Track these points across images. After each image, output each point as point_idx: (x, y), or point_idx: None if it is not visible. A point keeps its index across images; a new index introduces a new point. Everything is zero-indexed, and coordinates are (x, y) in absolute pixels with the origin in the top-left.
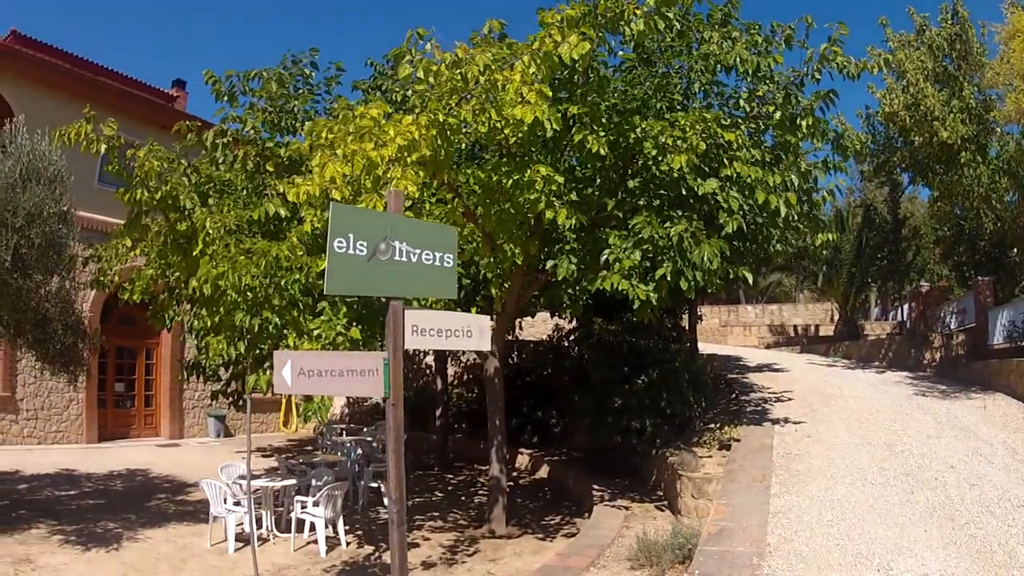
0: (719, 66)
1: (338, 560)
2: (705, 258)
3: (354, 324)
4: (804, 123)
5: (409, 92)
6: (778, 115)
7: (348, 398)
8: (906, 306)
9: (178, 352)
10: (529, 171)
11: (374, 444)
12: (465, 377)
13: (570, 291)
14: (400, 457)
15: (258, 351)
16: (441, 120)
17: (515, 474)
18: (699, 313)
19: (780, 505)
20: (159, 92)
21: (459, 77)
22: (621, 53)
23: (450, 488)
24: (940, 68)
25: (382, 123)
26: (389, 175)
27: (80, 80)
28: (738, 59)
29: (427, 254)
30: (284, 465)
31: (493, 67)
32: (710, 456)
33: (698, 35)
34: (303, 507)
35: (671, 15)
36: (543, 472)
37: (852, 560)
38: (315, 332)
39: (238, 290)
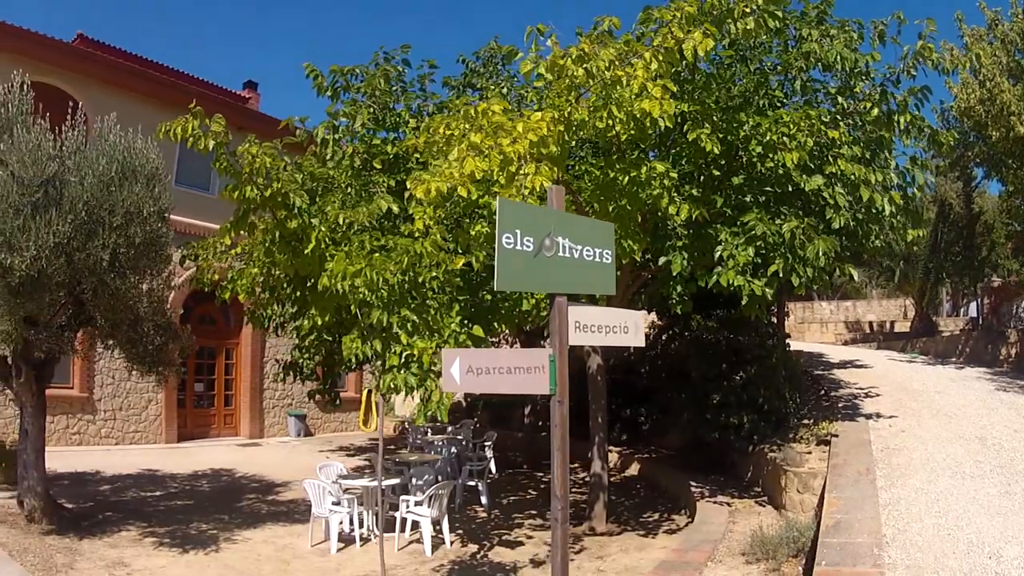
0: (819, 64)
1: (444, 559)
2: (820, 253)
3: (467, 322)
4: (902, 119)
5: (506, 89)
6: (875, 112)
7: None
8: (977, 302)
9: (259, 352)
10: (645, 167)
11: (464, 442)
12: None
13: (679, 287)
14: (566, 455)
15: (394, 350)
16: (567, 116)
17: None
18: (786, 309)
19: (888, 498)
20: (231, 93)
21: (583, 73)
22: (719, 50)
23: (542, 486)
24: (1013, 63)
25: (505, 120)
26: (523, 171)
27: (151, 80)
28: (839, 56)
29: (587, 250)
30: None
31: (617, 63)
32: (810, 452)
33: (794, 32)
34: (408, 506)
35: (780, 14)
36: (633, 470)
37: (965, 549)
38: (447, 330)
39: (374, 287)
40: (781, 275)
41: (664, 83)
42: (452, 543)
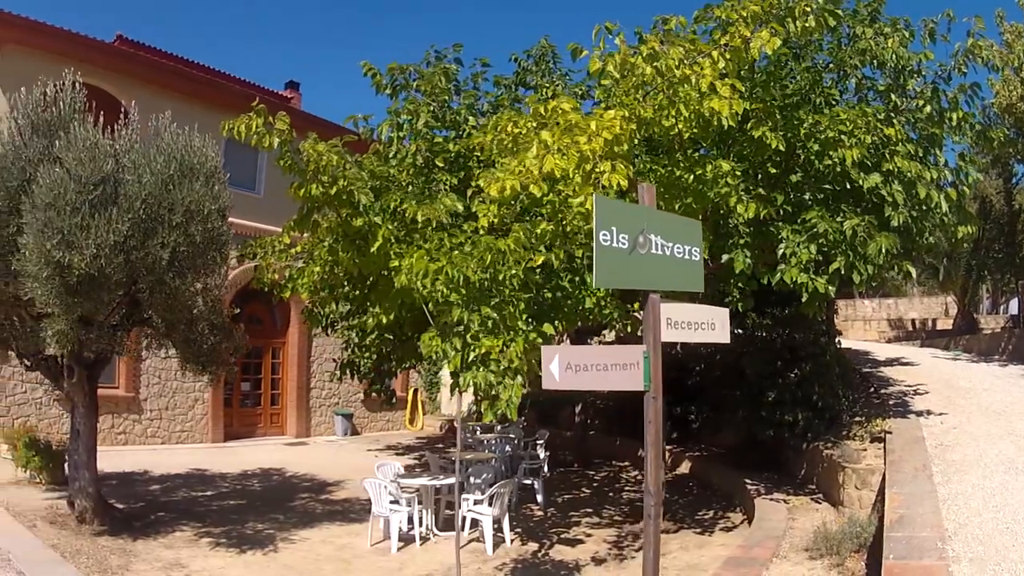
0: (874, 61)
1: (506, 558)
2: (883, 250)
3: (532, 321)
4: (954, 116)
5: (560, 87)
6: (927, 109)
7: (476, 395)
8: (1018, 299)
9: (305, 351)
10: (710, 166)
11: (516, 441)
12: None
13: (739, 285)
14: (659, 451)
15: (473, 348)
16: (639, 115)
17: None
18: (835, 307)
19: (946, 493)
20: (273, 93)
21: (652, 71)
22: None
23: (595, 484)
24: None
25: (580, 118)
26: (598, 169)
27: (194, 80)
28: (894, 54)
29: (678, 247)
30: (436, 463)
31: (685, 61)
32: (865, 449)
33: (848, 30)
34: (470, 505)
35: (839, 12)
36: (684, 468)
37: None
38: (522, 329)
39: (455, 285)
40: (843, 272)
41: (732, 82)
42: (512, 541)
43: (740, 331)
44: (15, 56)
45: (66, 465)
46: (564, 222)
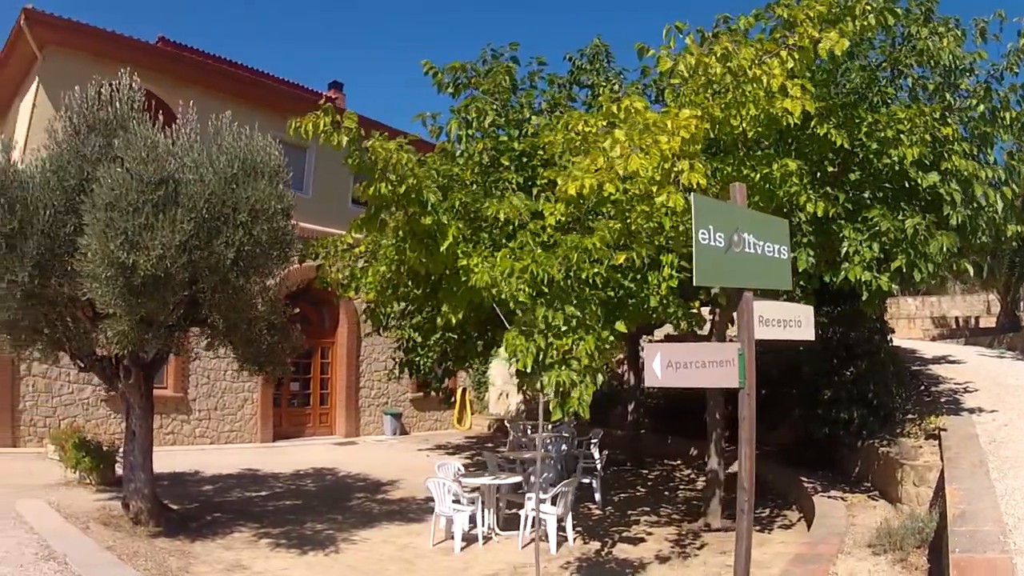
0: (931, 61)
1: (570, 557)
2: (944, 248)
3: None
4: (1007, 115)
5: (617, 86)
6: (981, 108)
7: (524, 394)
8: None
9: (355, 351)
10: (776, 164)
11: (570, 440)
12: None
13: (802, 283)
14: (753, 447)
15: (555, 346)
16: (712, 114)
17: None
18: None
19: (1003, 488)
20: (316, 94)
21: (724, 71)
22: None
23: (649, 483)
24: None
25: (658, 117)
26: (677, 168)
27: (239, 80)
28: (950, 54)
29: (768, 246)
30: (494, 462)
31: (757, 61)
32: (920, 446)
33: (902, 29)
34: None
35: (899, 11)
36: (736, 466)
37: None
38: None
39: (538, 284)
40: (904, 270)
41: (802, 82)
42: (574, 540)
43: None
44: (57, 57)
45: (116, 466)
46: (628, 221)
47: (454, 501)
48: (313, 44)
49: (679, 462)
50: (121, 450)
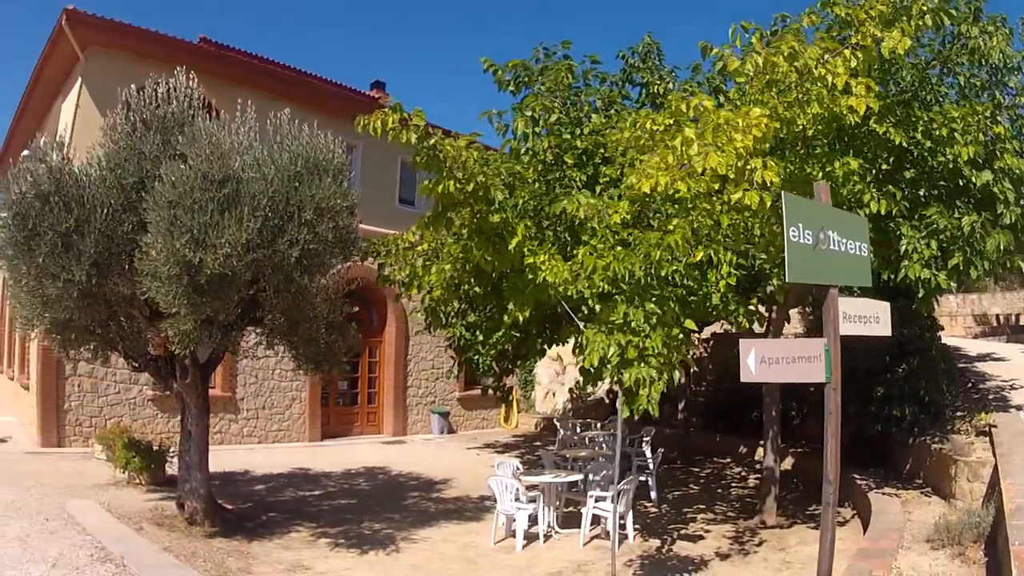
0: (981, 60)
1: (632, 555)
2: (1001, 246)
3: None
4: None
5: (671, 84)
6: None
7: (571, 392)
8: None
9: (403, 350)
10: (839, 163)
11: (622, 438)
12: (692, 370)
13: None
14: (838, 440)
15: (634, 343)
16: (779, 113)
17: (758, 466)
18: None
19: None
20: (360, 93)
21: (791, 69)
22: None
23: (702, 481)
24: None
25: (731, 116)
26: (750, 166)
27: (285, 80)
28: (1001, 53)
29: (850, 243)
30: (550, 460)
31: (821, 60)
32: (971, 442)
33: (952, 28)
34: (595, 502)
35: (954, 12)
36: (787, 464)
37: None
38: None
39: (617, 282)
40: (961, 268)
41: (866, 81)
42: (634, 537)
43: None
44: (100, 57)
45: (167, 466)
46: (691, 218)
47: (515, 499)
48: (351, 41)
49: (728, 460)
50: (171, 450)
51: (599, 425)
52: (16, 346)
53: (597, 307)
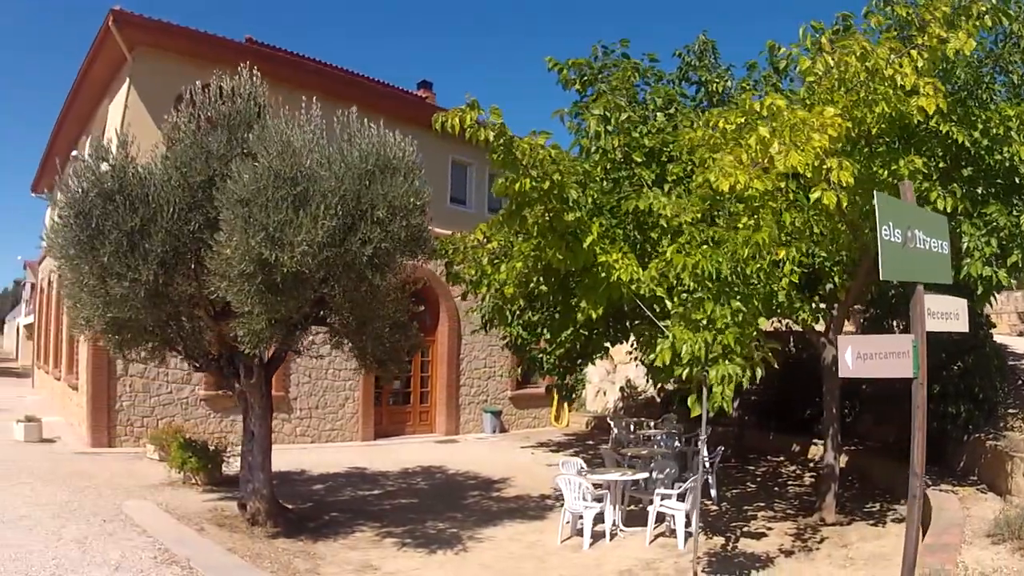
0: None
1: (699, 552)
2: None
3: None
4: None
5: (724, 85)
6: None
7: (622, 391)
8: None
9: (455, 349)
10: (903, 161)
11: (678, 437)
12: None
13: None
14: (924, 433)
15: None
16: (852, 113)
17: (811, 464)
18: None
19: None
20: (410, 93)
21: (861, 68)
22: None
23: (758, 479)
24: None
25: (807, 115)
26: (826, 165)
27: (335, 79)
28: None
29: (933, 241)
30: (611, 458)
31: (889, 60)
32: None
33: (1005, 28)
34: (662, 500)
35: (1012, 12)
36: (840, 461)
37: None
38: (720, 321)
39: (702, 280)
40: (1021, 265)
41: (933, 81)
42: (698, 535)
43: (897, 324)
44: (147, 57)
45: (223, 466)
46: (757, 216)
47: (583, 498)
48: (399, 40)
49: (782, 458)
50: (227, 450)
51: (652, 424)
52: (63, 347)
53: (668, 304)
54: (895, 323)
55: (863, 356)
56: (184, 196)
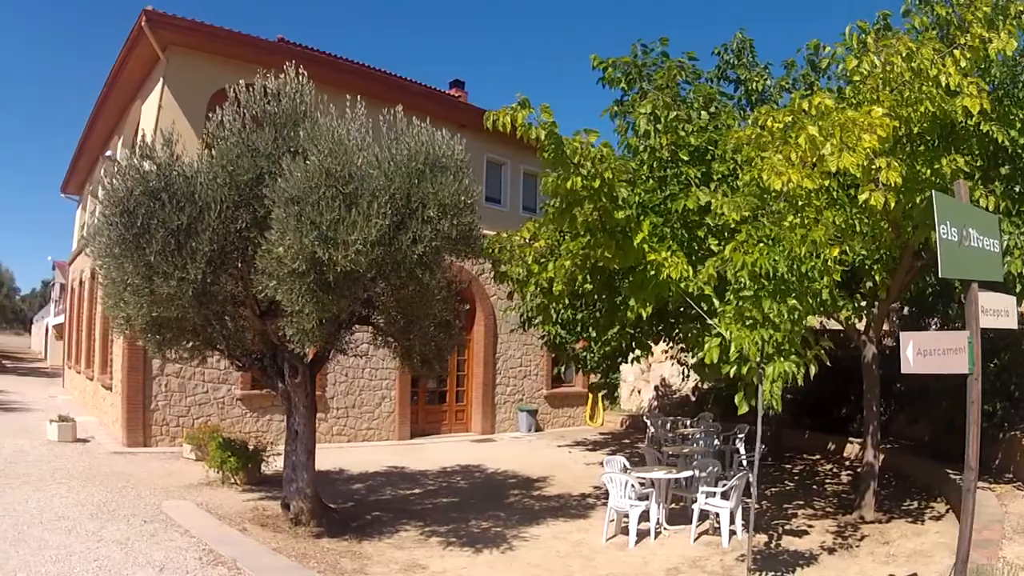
0: None
1: (743, 549)
2: None
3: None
4: None
5: (763, 83)
6: None
7: (657, 390)
8: None
9: (491, 348)
10: (945, 160)
11: (716, 435)
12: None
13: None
14: (979, 428)
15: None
16: (898, 112)
17: (847, 463)
18: None
19: None
20: (444, 93)
21: (910, 70)
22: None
23: (795, 478)
24: None
25: (857, 115)
26: (875, 165)
27: (372, 79)
28: None
29: (986, 240)
30: (653, 456)
31: (934, 60)
32: None
33: None
34: (707, 498)
35: None
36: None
37: None
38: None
39: (758, 278)
40: None
41: (977, 81)
42: (742, 533)
43: (934, 321)
44: (180, 58)
45: (262, 465)
46: (802, 215)
47: (628, 496)
48: (431, 39)
49: (817, 456)
50: (266, 450)
51: (687, 423)
52: (96, 347)
53: (715, 302)
54: (932, 321)
55: (923, 352)
56: (231, 194)
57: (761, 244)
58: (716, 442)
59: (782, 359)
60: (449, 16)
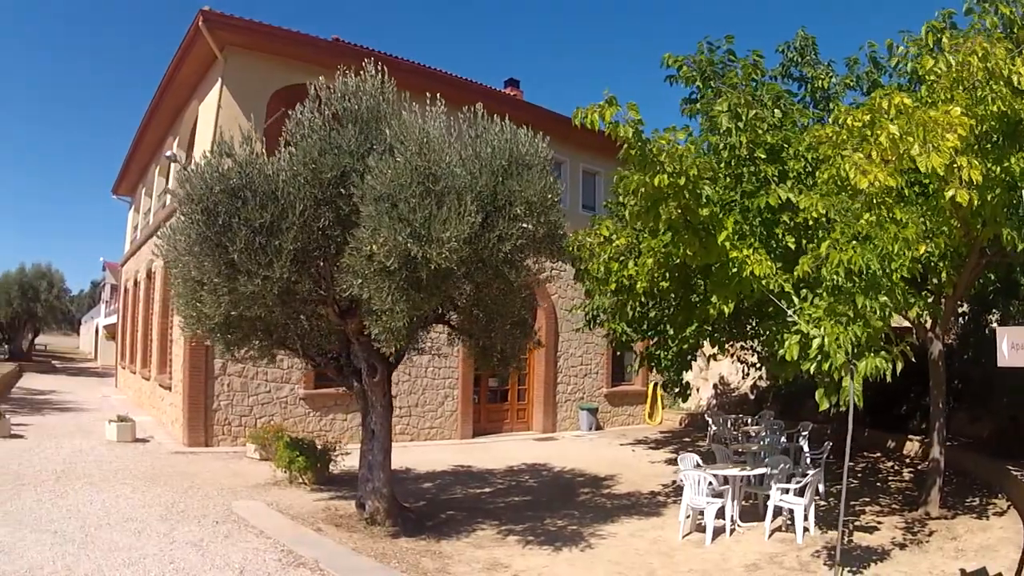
0: None
1: (816, 545)
2: None
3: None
4: None
5: (828, 81)
6: None
7: (715, 388)
8: None
9: (552, 347)
10: (1014, 159)
11: (778, 433)
12: None
13: None
14: None
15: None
16: (973, 111)
17: (907, 460)
18: None
19: None
20: (502, 92)
21: (985, 70)
22: None
23: (859, 475)
24: None
25: (939, 115)
26: (957, 164)
27: (432, 78)
28: None
29: None
30: (723, 454)
31: (1006, 60)
32: None
33: None
34: (782, 495)
35: None
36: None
37: None
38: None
39: (851, 275)
40: None
41: None
42: (814, 530)
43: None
44: (238, 57)
45: (331, 464)
46: (877, 213)
47: (705, 493)
48: (486, 39)
49: (878, 454)
50: (334, 450)
51: (748, 420)
52: (153, 347)
53: (795, 299)
54: (992, 318)
55: (1017, 346)
56: (313, 192)
57: (854, 242)
58: (782, 440)
59: (872, 355)
60: (500, 15)
